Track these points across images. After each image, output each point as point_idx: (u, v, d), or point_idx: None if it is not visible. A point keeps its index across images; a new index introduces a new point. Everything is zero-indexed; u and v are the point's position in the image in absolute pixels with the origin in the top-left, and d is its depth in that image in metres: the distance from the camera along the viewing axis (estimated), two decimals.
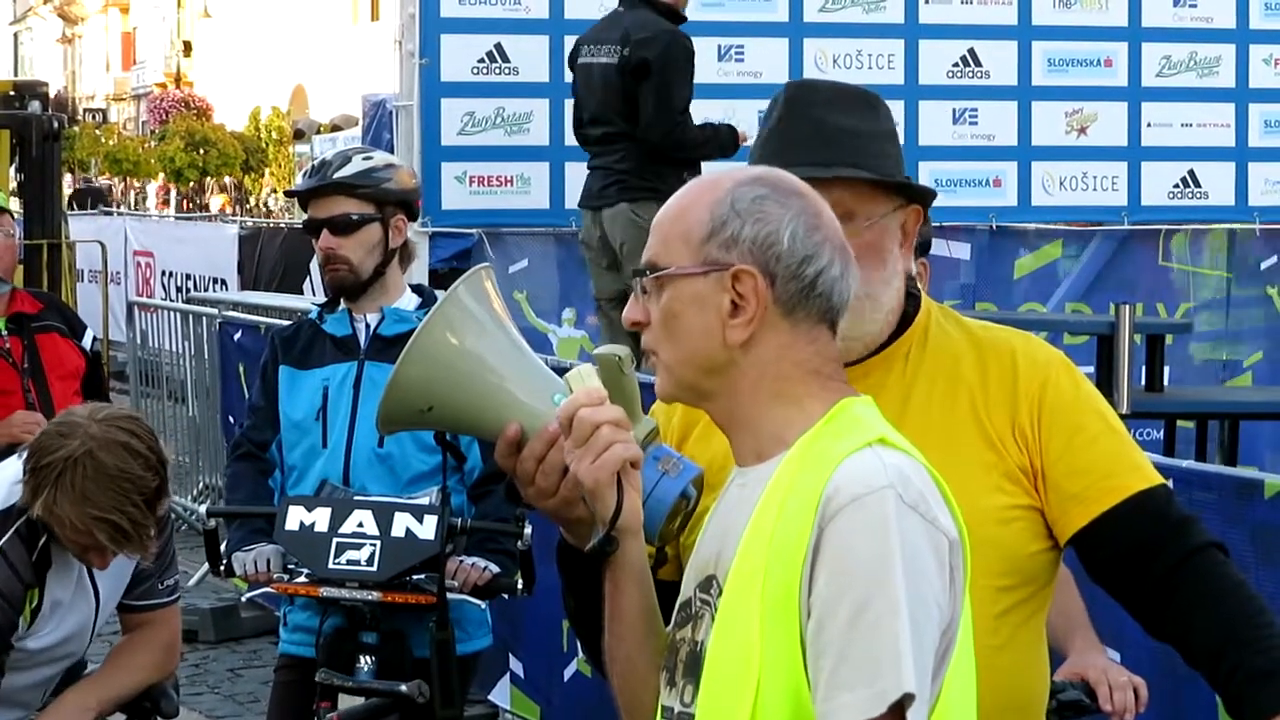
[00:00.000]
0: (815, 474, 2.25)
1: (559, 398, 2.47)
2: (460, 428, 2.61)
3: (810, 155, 2.78)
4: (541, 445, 2.44)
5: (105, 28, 77.73)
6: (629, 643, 2.45)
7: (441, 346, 2.51)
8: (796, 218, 2.36)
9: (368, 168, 4.97)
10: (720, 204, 2.37)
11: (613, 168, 8.59)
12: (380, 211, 4.94)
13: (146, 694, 4.63)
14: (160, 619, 4.68)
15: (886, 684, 2.14)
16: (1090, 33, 10.55)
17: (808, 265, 2.34)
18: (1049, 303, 10.53)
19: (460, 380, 2.50)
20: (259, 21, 56.37)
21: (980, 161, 10.37)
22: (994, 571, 2.72)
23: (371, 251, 4.95)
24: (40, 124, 13.88)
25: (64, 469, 4.12)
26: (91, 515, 4.12)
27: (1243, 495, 4.41)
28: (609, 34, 8.71)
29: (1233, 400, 9.16)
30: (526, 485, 2.47)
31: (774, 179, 2.40)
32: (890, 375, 2.80)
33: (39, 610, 4.38)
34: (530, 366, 2.54)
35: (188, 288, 19.80)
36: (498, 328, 2.55)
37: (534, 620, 6.87)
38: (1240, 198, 10.82)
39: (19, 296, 6.58)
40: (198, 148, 44.35)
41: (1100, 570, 2.83)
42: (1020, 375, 2.81)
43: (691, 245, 2.37)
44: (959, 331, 2.90)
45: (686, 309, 2.36)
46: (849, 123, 2.86)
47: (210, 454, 10.95)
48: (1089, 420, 2.82)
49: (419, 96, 9.55)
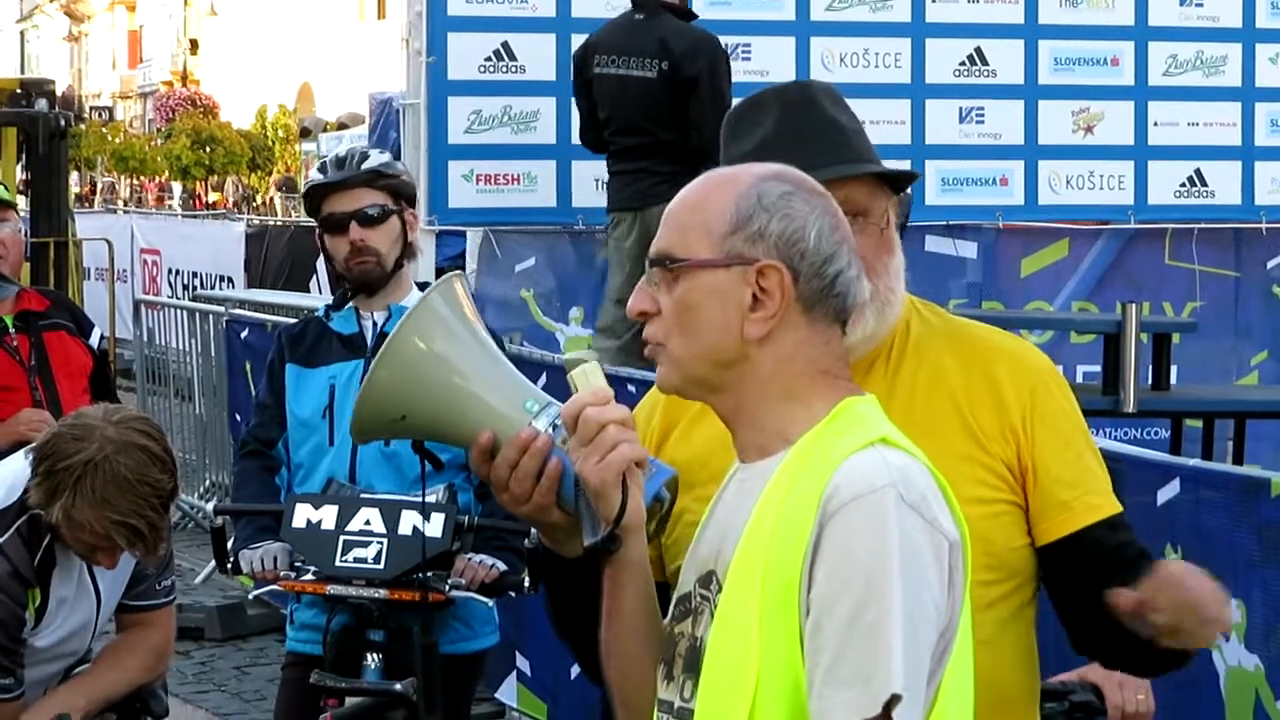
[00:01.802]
0: (817, 472, 2.25)
1: (531, 404, 2.48)
2: (434, 435, 2.59)
3: (829, 155, 2.78)
4: (514, 452, 2.44)
5: (112, 25, 77.80)
6: (629, 640, 2.45)
7: (413, 352, 2.50)
8: (821, 216, 2.36)
9: (387, 161, 5.03)
10: (745, 198, 2.36)
11: (658, 170, 8.61)
12: (398, 204, 4.98)
13: (136, 694, 4.64)
14: (155, 620, 4.69)
15: (880, 684, 2.15)
16: (1097, 32, 10.54)
17: (829, 265, 2.35)
18: (1056, 301, 10.52)
19: (432, 387, 2.50)
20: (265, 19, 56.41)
21: (987, 160, 10.36)
22: (977, 565, 2.71)
23: (395, 244, 4.98)
24: (47, 122, 13.88)
25: (83, 473, 4.12)
26: (111, 519, 4.13)
27: (1249, 494, 4.41)
28: (638, 45, 8.74)
29: (1239, 399, 9.16)
30: (500, 492, 2.47)
31: (795, 176, 2.40)
32: (873, 371, 2.81)
33: (44, 608, 4.39)
34: (503, 373, 2.54)
35: (194, 285, 19.83)
36: (469, 335, 2.54)
37: (541, 618, 6.83)
38: (1246, 196, 10.81)
39: (26, 294, 6.57)
40: (204, 146, 44.39)
41: (1057, 581, 2.84)
42: (1009, 374, 2.82)
43: (714, 237, 2.35)
44: (942, 324, 2.90)
45: (704, 301, 2.35)
46: (845, 119, 2.86)
47: (217, 451, 10.96)
48: (1076, 435, 2.84)
49: (426, 95, 9.55)
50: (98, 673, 4.63)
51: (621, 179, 8.84)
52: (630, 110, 8.75)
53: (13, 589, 4.31)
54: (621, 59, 8.76)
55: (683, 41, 8.68)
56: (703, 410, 2.58)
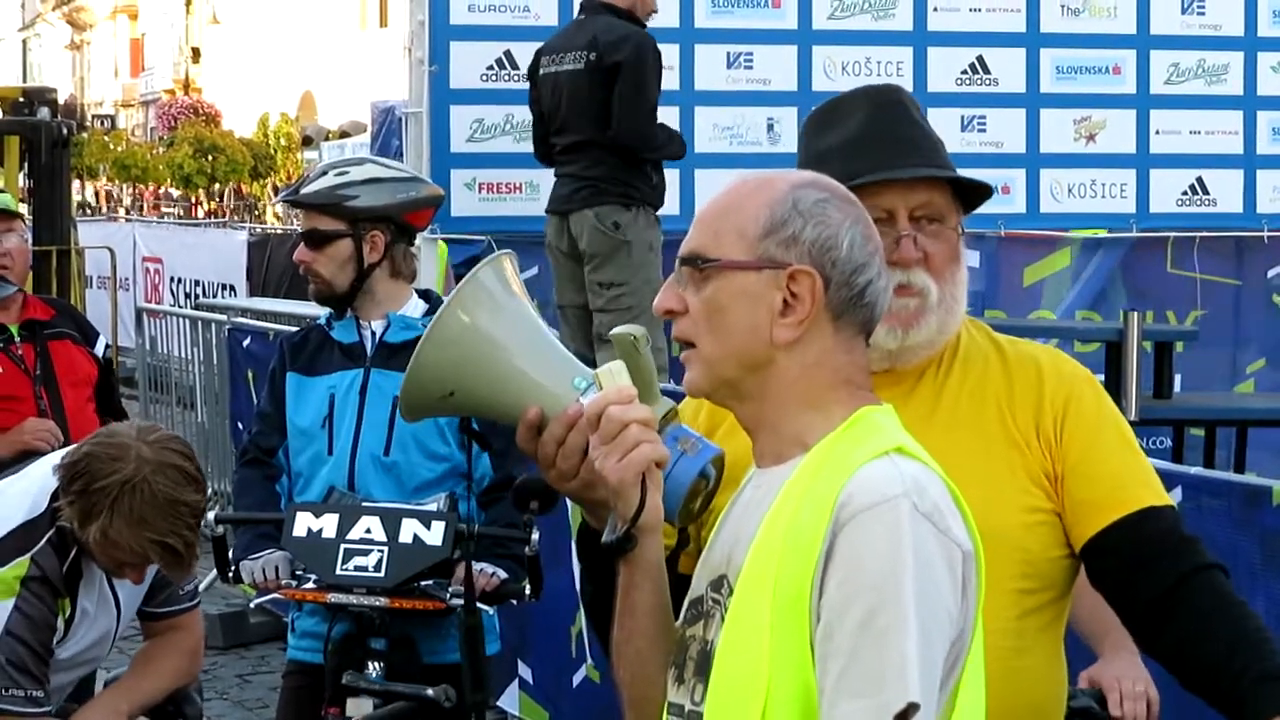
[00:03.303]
0: (831, 479, 2.25)
1: (579, 381, 2.48)
2: (481, 412, 2.61)
3: (919, 157, 2.83)
4: (561, 428, 2.45)
5: (114, 34, 77.79)
6: (640, 639, 2.45)
7: (462, 328, 2.51)
8: (854, 225, 2.37)
9: (333, 185, 4.94)
10: (780, 203, 2.36)
11: (582, 174, 8.49)
12: (352, 228, 4.93)
13: (170, 698, 4.65)
14: (183, 624, 4.71)
15: (892, 694, 2.14)
16: (1099, 40, 10.55)
17: (860, 274, 2.35)
18: (1058, 310, 10.53)
19: (480, 363, 2.50)
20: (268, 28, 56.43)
21: (989, 169, 10.34)
22: (1016, 574, 2.74)
23: (344, 267, 4.93)
24: (49, 130, 13.88)
25: (120, 493, 4.13)
26: (150, 539, 4.15)
27: (1251, 502, 4.41)
28: (573, 41, 8.60)
29: (1241, 407, 9.16)
30: (547, 468, 2.48)
31: (829, 184, 2.41)
32: (923, 381, 2.82)
33: (72, 619, 4.41)
34: (551, 350, 2.54)
35: (196, 294, 19.84)
36: (518, 311, 2.55)
37: (543, 626, 6.87)
38: (1248, 205, 10.81)
39: (31, 303, 6.58)
40: (206, 154, 44.39)
41: (1103, 579, 2.85)
42: (1046, 383, 2.85)
43: (747, 239, 2.36)
44: (986, 340, 2.94)
45: (734, 302, 2.36)
46: (928, 129, 2.89)
47: (218, 460, 10.97)
48: (1109, 434, 2.85)
49: (428, 103, 9.56)
50: (135, 679, 4.64)
51: (559, 181, 8.72)
52: (564, 107, 8.58)
53: (47, 599, 4.33)
54: (558, 56, 8.64)
55: (612, 34, 8.48)
56: None
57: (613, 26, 8.53)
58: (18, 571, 4.29)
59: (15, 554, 4.30)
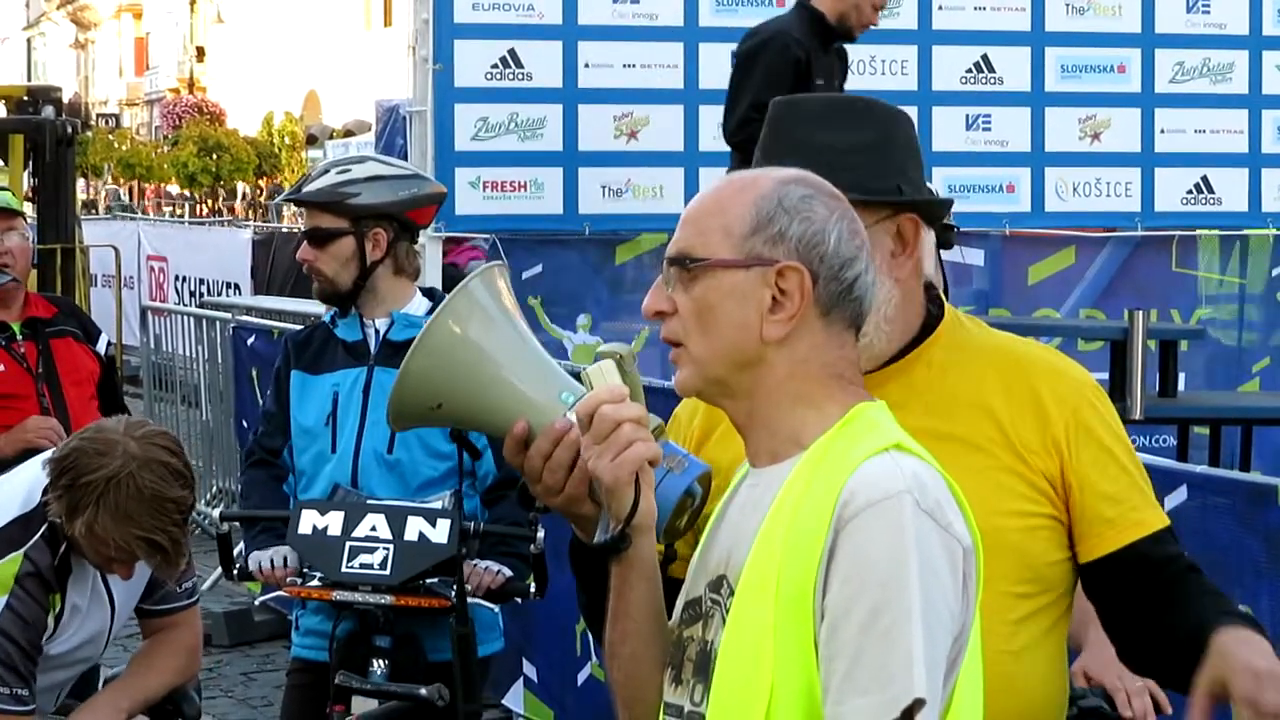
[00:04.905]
0: (831, 477, 2.25)
1: (567, 395, 2.48)
2: (469, 424, 2.60)
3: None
4: (548, 443, 2.45)
5: (118, 33, 77.87)
6: (635, 640, 2.45)
7: (450, 339, 2.51)
8: (840, 220, 2.37)
9: (335, 183, 4.95)
10: (766, 200, 2.36)
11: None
12: (355, 226, 4.94)
13: (169, 697, 4.65)
14: (181, 621, 4.70)
15: (898, 689, 2.14)
16: (1104, 39, 10.54)
17: (848, 269, 2.35)
18: (1063, 308, 10.51)
19: (468, 375, 2.50)
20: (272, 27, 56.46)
21: (994, 167, 10.34)
22: (1012, 578, 2.72)
23: (346, 265, 4.95)
24: (54, 129, 13.90)
25: (105, 489, 4.13)
26: (135, 535, 4.14)
27: (1256, 501, 4.40)
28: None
29: (1246, 405, 9.14)
30: (534, 482, 2.48)
31: (814, 181, 2.41)
32: (913, 382, 2.80)
33: (61, 615, 4.40)
34: (540, 363, 2.54)
35: (201, 292, 19.87)
36: (508, 324, 2.55)
37: (547, 624, 6.87)
38: (1253, 204, 10.79)
39: (33, 301, 6.57)
40: (211, 153, 44.44)
41: (1100, 594, 2.84)
42: (1052, 388, 2.81)
43: (734, 238, 2.36)
44: (985, 338, 2.90)
45: (723, 301, 2.35)
46: (828, 138, 2.83)
47: (223, 458, 10.97)
48: (1119, 450, 2.83)
49: (432, 102, 9.55)
50: (134, 677, 4.64)
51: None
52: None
53: (40, 596, 4.32)
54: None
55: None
56: None
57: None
58: (12, 568, 4.29)
59: (10, 548, 4.30)
